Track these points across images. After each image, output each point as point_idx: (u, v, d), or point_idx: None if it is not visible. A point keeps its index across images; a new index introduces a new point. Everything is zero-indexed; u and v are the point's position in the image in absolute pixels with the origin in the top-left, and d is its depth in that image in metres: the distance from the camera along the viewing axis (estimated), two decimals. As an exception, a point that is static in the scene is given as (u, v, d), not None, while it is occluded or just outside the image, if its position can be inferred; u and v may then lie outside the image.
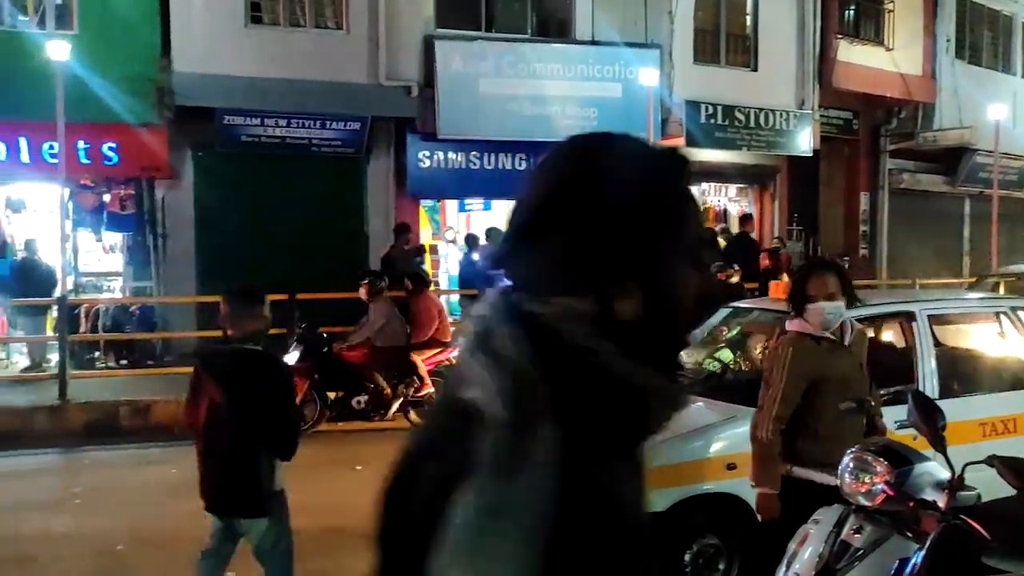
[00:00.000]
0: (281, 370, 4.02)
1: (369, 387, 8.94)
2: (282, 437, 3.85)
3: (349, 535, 5.83)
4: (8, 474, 7.69)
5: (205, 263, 12.13)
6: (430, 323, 9.33)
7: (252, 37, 11.99)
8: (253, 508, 3.88)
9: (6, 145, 11.22)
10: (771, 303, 6.06)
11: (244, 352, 3.92)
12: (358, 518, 2.46)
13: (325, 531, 5.88)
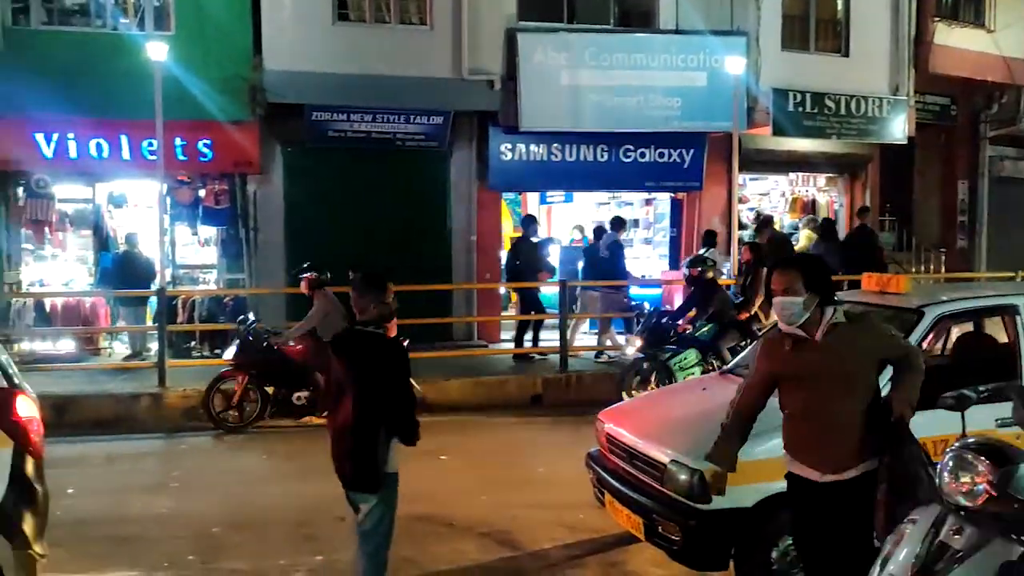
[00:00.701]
0: (399, 353, 4.17)
1: (311, 382, 8.83)
2: (401, 418, 4.06)
3: (434, 523, 5.95)
4: (112, 457, 8.09)
5: (293, 255, 12.43)
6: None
7: (339, 34, 12.22)
8: (368, 484, 4.07)
9: (108, 143, 11.72)
10: (861, 295, 5.87)
11: (366, 334, 4.17)
12: (443, 506, 2.52)
13: (411, 519, 5.98)
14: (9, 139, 11.44)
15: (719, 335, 9.54)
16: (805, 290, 3.56)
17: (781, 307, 3.60)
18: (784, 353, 3.66)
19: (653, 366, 9.35)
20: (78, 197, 12.59)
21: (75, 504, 6.44)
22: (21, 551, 4.10)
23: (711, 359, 9.38)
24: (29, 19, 11.63)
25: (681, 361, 9.32)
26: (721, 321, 9.58)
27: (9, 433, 4.05)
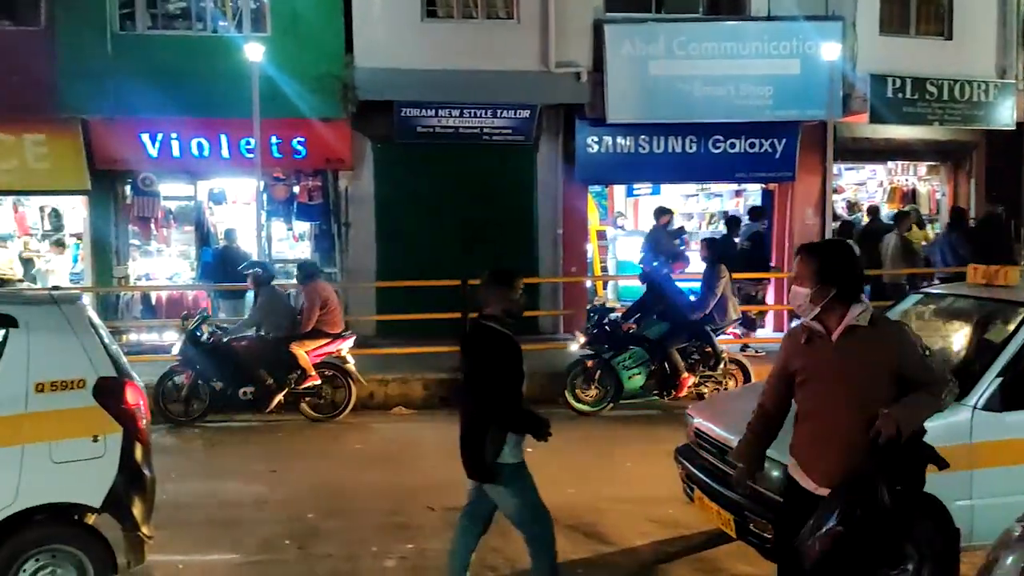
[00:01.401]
0: (509, 348, 4.21)
1: (256, 377, 8.88)
2: (504, 410, 4.12)
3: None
4: (216, 442, 8.42)
5: (383, 249, 12.71)
6: (311, 314, 9.10)
7: (427, 31, 12.37)
8: (478, 474, 4.22)
9: (209, 142, 12.19)
10: (964, 287, 5.62)
11: (484, 329, 4.28)
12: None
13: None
14: (118, 140, 12.03)
15: (668, 335, 9.27)
16: (819, 281, 3.27)
17: (791, 296, 3.41)
18: (799, 346, 3.42)
19: (597, 365, 9.20)
20: (181, 195, 13.13)
21: (176, 488, 6.74)
22: (131, 533, 4.32)
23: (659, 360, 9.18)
24: (135, 24, 12.17)
25: (625, 360, 9.14)
26: (673, 321, 9.32)
27: (119, 420, 4.27)
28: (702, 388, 9.28)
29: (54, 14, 11.82)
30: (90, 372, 4.27)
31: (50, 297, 4.59)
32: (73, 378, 4.22)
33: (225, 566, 5.20)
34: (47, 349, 4.23)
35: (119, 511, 4.31)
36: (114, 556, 4.31)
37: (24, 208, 13.57)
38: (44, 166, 12.03)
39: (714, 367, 9.26)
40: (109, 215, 12.53)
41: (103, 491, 4.22)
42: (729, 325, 9.67)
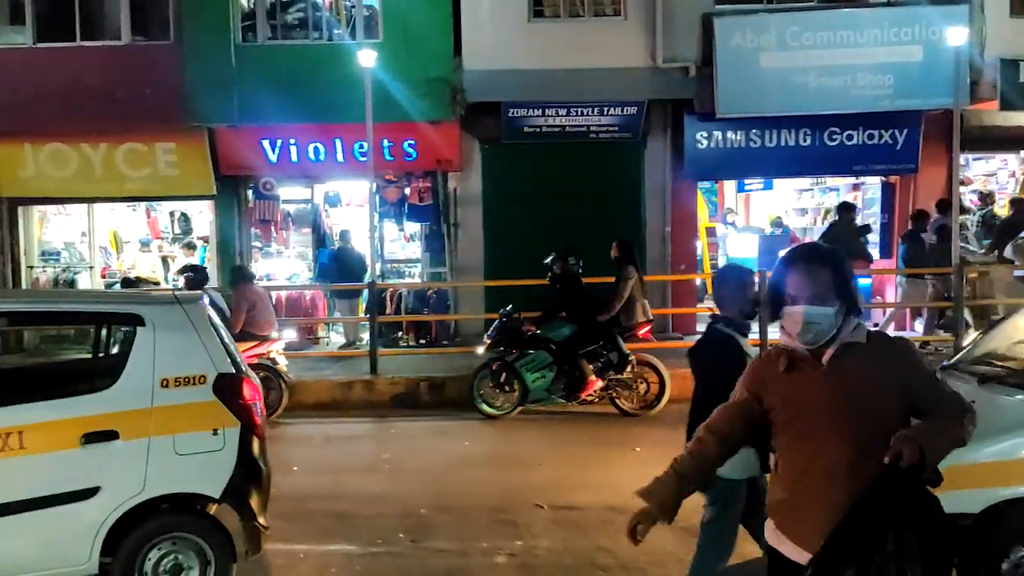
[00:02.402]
0: (729, 352, 4.08)
1: None
2: None
3: (630, 514, 5.96)
4: (331, 438, 8.74)
5: (491, 249, 12.85)
6: (238, 317, 9.16)
7: (534, 32, 12.44)
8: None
9: (325, 147, 12.64)
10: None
11: (709, 330, 4.28)
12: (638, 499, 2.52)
13: (608, 509, 6.04)
14: (241, 147, 12.62)
15: (574, 337, 9.01)
16: (838, 296, 2.56)
17: (806, 320, 2.53)
18: (776, 375, 2.65)
19: (502, 368, 9.00)
20: (299, 198, 13.67)
21: (299, 480, 7.03)
22: (249, 522, 4.53)
23: (565, 363, 8.92)
24: (256, 36, 12.74)
25: (529, 364, 8.94)
26: (579, 323, 9.07)
27: (237, 414, 4.47)
28: (613, 392, 9.13)
29: (182, 29, 12.51)
30: (210, 369, 4.47)
31: (173, 297, 4.84)
32: (195, 374, 4.44)
33: (343, 556, 5.39)
34: (171, 347, 4.46)
35: (237, 502, 4.51)
36: (233, 545, 4.51)
37: (156, 213, 14.43)
38: (174, 173, 12.76)
39: (620, 370, 9.05)
40: (233, 218, 13.17)
41: (222, 482, 4.42)
42: (639, 327, 9.36)
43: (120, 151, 12.65)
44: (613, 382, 9.10)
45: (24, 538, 4.17)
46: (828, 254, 2.66)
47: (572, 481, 6.81)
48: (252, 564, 5.22)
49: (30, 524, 4.16)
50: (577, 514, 6.02)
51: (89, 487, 4.22)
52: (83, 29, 12.62)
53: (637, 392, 9.15)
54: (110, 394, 4.36)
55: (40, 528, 4.18)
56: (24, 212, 13.50)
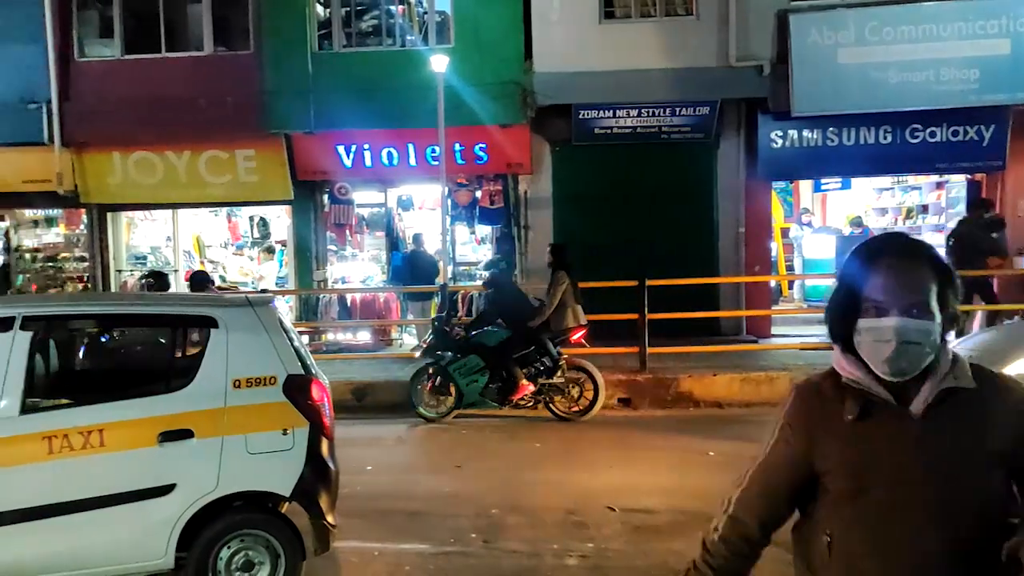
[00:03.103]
0: None
1: None
2: None
3: (704, 519, 5.90)
4: (403, 438, 8.86)
5: (562, 251, 12.85)
6: None
7: (605, 33, 12.42)
8: None
9: (398, 151, 12.85)
10: None
11: None
12: (713, 503, 2.51)
13: (681, 512, 5.99)
14: (318, 152, 12.93)
15: (506, 342, 9.05)
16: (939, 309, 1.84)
17: (901, 338, 1.80)
18: (838, 425, 1.90)
19: (437, 372, 8.98)
20: (373, 202, 13.92)
21: (373, 480, 7.17)
22: (317, 521, 4.63)
23: (498, 367, 8.87)
24: (332, 44, 13.03)
25: (462, 368, 8.90)
26: (513, 328, 9.03)
27: (306, 415, 4.56)
28: (546, 396, 9.18)
29: (262, 39, 12.89)
30: (280, 370, 4.58)
31: (246, 300, 4.95)
32: (265, 375, 4.54)
33: (416, 555, 5.47)
34: (243, 348, 4.58)
35: (306, 500, 4.59)
36: (303, 542, 4.60)
37: (236, 218, 14.88)
38: (253, 179, 13.14)
39: (551, 375, 9.11)
40: (309, 222, 13.49)
41: (292, 481, 4.51)
42: (571, 332, 9.34)
43: (202, 158, 13.11)
44: (546, 387, 9.18)
45: (106, 532, 4.33)
46: (927, 247, 1.91)
47: (641, 484, 6.77)
48: (328, 561, 5.36)
49: (111, 519, 4.32)
50: (648, 517, 5.98)
51: (166, 484, 4.36)
52: (168, 41, 13.12)
53: (571, 396, 9.21)
54: (185, 394, 4.49)
55: (120, 523, 4.34)
56: (113, 218, 14.10)
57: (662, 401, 9.76)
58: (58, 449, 4.25)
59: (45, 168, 13.19)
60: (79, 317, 5.15)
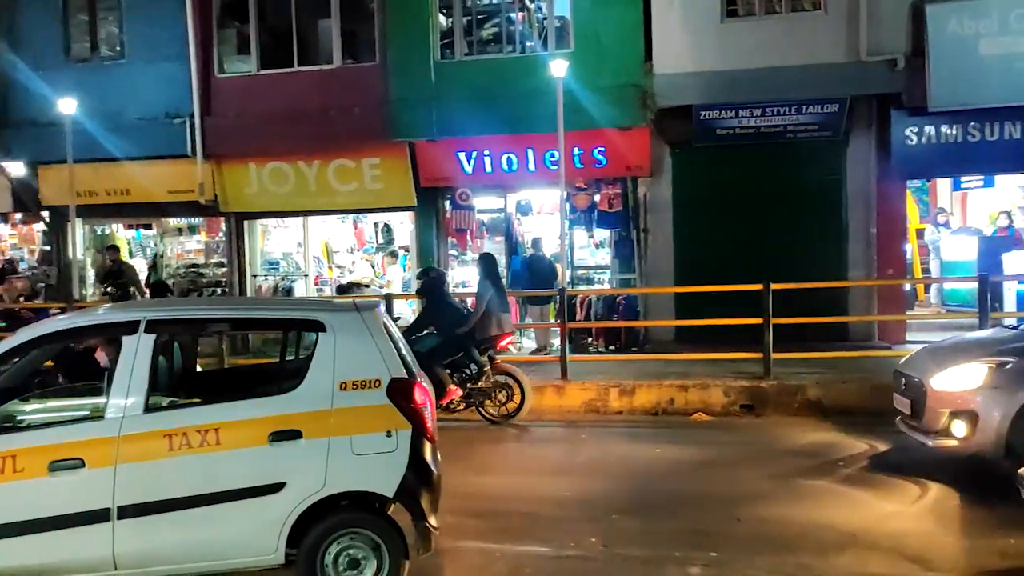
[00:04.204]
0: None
1: None
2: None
3: (838, 532, 5.68)
4: (523, 441, 8.95)
5: (682, 255, 12.67)
6: None
7: (727, 32, 12.16)
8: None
9: (517, 157, 12.98)
10: None
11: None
12: (846, 518, 2.42)
13: (813, 526, 5.80)
14: (440, 159, 13.23)
15: (436, 348, 9.14)
16: None
17: None
18: None
19: None
20: (492, 207, 14.10)
21: (493, 481, 7.27)
22: (420, 522, 4.70)
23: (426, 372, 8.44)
24: (454, 52, 13.31)
25: None
26: (442, 334, 9.27)
27: (408, 417, 4.64)
28: (475, 400, 9.43)
29: (387, 50, 13.30)
30: (384, 373, 4.67)
31: (353, 304, 5.07)
32: (370, 378, 4.64)
33: (536, 557, 5.50)
34: (349, 351, 4.69)
35: (409, 501, 4.65)
36: (406, 543, 4.67)
37: (362, 224, 15.39)
38: (378, 186, 13.57)
39: (476, 380, 9.37)
40: (431, 228, 13.81)
41: (395, 482, 4.58)
42: (497, 340, 9.59)
43: (331, 167, 13.64)
44: (474, 391, 9.41)
45: (220, 528, 4.51)
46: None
47: (773, 493, 6.59)
48: (451, 560, 5.48)
49: (225, 515, 4.49)
50: (772, 527, 5.82)
51: (276, 482, 4.50)
52: (300, 55, 13.73)
53: (498, 400, 9.49)
54: (294, 396, 4.64)
55: (234, 519, 4.50)
56: (249, 226, 14.85)
57: (788, 408, 9.46)
58: (178, 447, 4.45)
59: (188, 179, 14.04)
60: (198, 321, 5.40)
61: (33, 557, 4.36)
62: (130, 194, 14.40)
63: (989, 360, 6.65)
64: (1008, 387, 6.40)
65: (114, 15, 14.64)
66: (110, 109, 13.91)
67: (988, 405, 6.43)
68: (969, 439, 6.49)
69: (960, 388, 6.63)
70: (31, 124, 14.41)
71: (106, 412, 4.53)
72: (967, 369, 6.70)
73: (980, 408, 6.45)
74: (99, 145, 13.69)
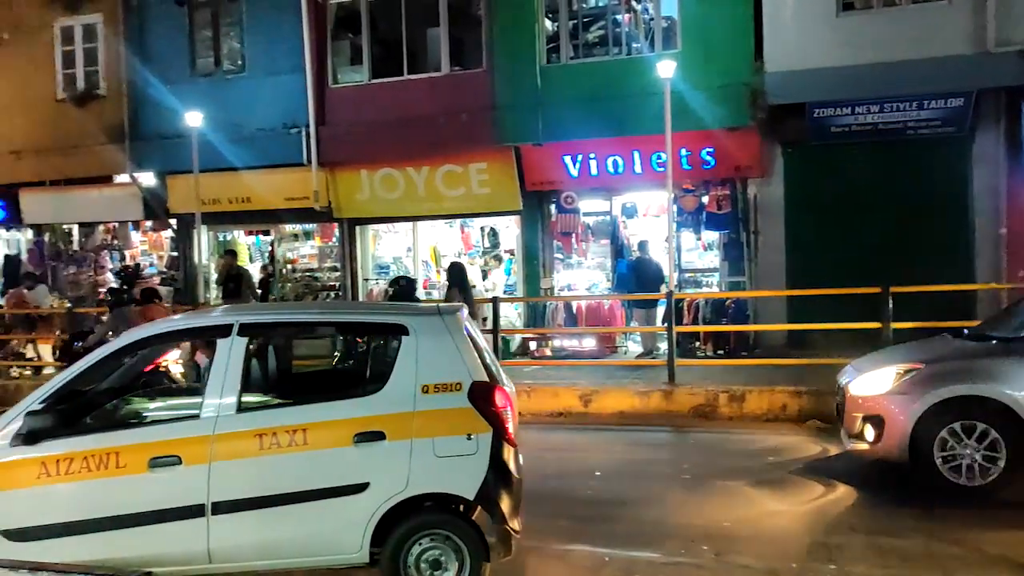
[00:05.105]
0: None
1: None
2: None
3: (965, 547, 5.41)
4: (630, 446, 8.86)
5: (794, 257, 12.31)
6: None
7: (843, 26, 11.75)
8: None
9: (623, 159, 12.90)
10: None
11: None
12: (977, 532, 2.30)
13: (931, 539, 5.54)
14: (546, 163, 13.30)
15: None
16: None
17: None
18: None
19: None
20: (597, 210, 14.06)
21: (601, 486, 7.24)
22: (500, 525, 4.71)
23: None
24: (560, 57, 13.36)
25: None
26: None
27: (489, 421, 4.67)
28: None
29: (494, 56, 13.46)
30: (466, 377, 4.72)
31: (436, 309, 5.16)
32: (452, 381, 4.70)
33: (646, 564, 5.45)
34: (432, 355, 4.76)
35: (489, 504, 4.67)
36: (487, 545, 4.69)
37: (469, 228, 15.61)
38: (485, 191, 13.75)
39: None
40: (537, 232, 13.89)
41: (476, 485, 4.61)
42: None
43: (439, 173, 13.90)
44: None
45: (307, 525, 4.63)
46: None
47: (890, 506, 6.33)
48: (559, 563, 5.49)
49: (312, 513, 4.61)
50: (896, 542, 5.58)
51: (360, 483, 4.60)
52: (409, 64, 14.05)
53: None
54: (378, 398, 4.74)
55: (320, 517, 4.62)
56: (361, 231, 15.30)
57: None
58: (267, 446, 4.61)
59: (303, 187, 14.58)
60: (286, 325, 5.58)
61: (134, 550, 4.55)
62: (250, 202, 15.06)
63: (898, 366, 6.90)
64: (912, 393, 6.60)
65: (236, 31, 15.36)
66: (231, 121, 14.59)
67: (894, 410, 6.65)
68: (877, 443, 6.75)
69: (871, 393, 6.89)
70: (160, 137, 15.26)
71: (202, 411, 4.72)
72: (878, 375, 6.96)
73: (887, 413, 6.68)
74: (221, 155, 14.39)
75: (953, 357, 6.92)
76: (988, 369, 6.52)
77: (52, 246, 17.45)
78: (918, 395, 6.55)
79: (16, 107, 16.50)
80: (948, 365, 6.77)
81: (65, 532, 4.59)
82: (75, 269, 17.20)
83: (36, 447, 4.61)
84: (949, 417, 6.42)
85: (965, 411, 6.40)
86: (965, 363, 6.73)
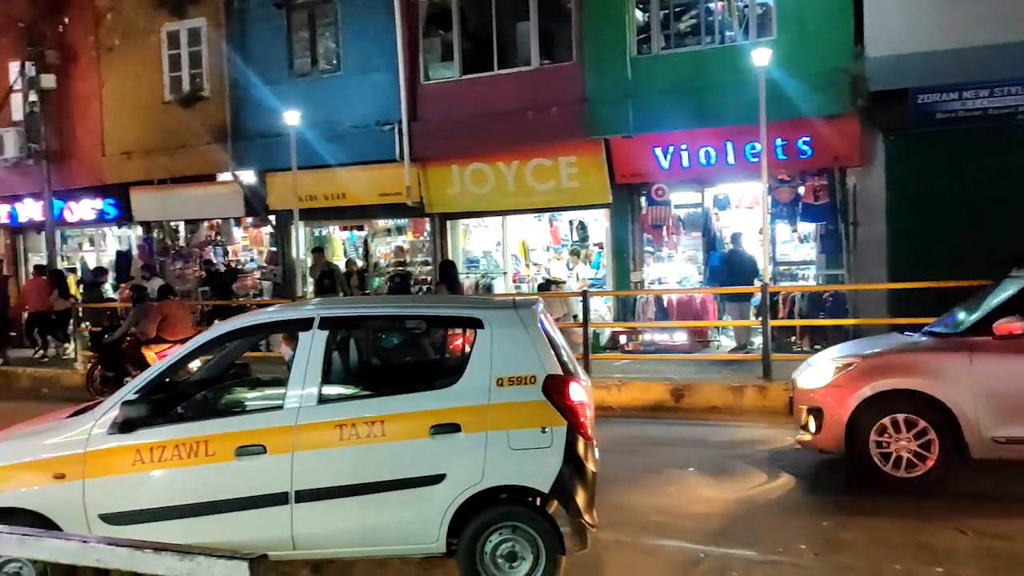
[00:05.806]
0: None
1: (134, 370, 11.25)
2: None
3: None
4: (724, 441, 8.72)
5: (895, 249, 11.85)
6: (151, 325, 11.54)
7: (949, 7, 11.21)
8: None
9: (715, 150, 12.67)
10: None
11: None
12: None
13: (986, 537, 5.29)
14: (637, 155, 13.18)
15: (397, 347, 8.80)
16: None
17: None
18: None
19: None
20: (689, 202, 13.86)
21: (694, 480, 7.16)
22: (575, 519, 4.70)
23: None
24: (651, 47, 13.21)
25: None
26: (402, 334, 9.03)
27: (563, 414, 4.66)
28: None
29: (583, 48, 13.42)
30: (540, 370, 4.73)
31: (511, 302, 5.18)
32: (526, 374, 4.71)
33: (743, 561, 5.37)
34: (506, 348, 4.79)
35: (564, 497, 4.67)
36: (563, 538, 4.69)
37: (557, 222, 15.62)
38: (574, 184, 13.72)
39: None
40: (627, 224, 13.79)
41: (551, 478, 4.62)
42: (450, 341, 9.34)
43: (529, 167, 13.95)
44: None
45: (385, 515, 4.72)
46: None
47: (1001, 505, 6.06)
48: (652, 559, 5.46)
49: (389, 503, 4.69)
50: (1006, 544, 5.34)
51: (437, 474, 4.66)
52: (499, 58, 14.14)
53: None
54: (454, 391, 4.79)
55: (398, 507, 4.70)
56: (451, 225, 15.49)
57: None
58: (347, 437, 4.71)
59: (396, 182, 14.85)
60: (365, 318, 5.70)
61: (221, 535, 4.67)
62: (345, 198, 15.44)
63: (838, 360, 7.12)
64: (848, 386, 6.79)
65: (331, 31, 15.75)
66: (327, 119, 14.97)
67: (831, 402, 6.86)
68: (817, 434, 6.97)
69: (813, 385, 7.14)
70: (260, 136, 15.78)
71: (285, 402, 4.86)
72: (820, 368, 7.22)
73: (825, 405, 6.90)
74: (317, 153, 14.78)
75: (891, 352, 7.09)
76: (920, 364, 6.73)
77: (160, 242, 18.29)
78: (852, 388, 6.76)
79: (126, 110, 17.36)
80: (883, 359, 6.97)
81: (156, 517, 4.78)
82: (181, 264, 18.00)
83: (131, 435, 4.81)
84: (882, 411, 6.62)
85: (898, 405, 6.60)
86: (899, 357, 6.95)
